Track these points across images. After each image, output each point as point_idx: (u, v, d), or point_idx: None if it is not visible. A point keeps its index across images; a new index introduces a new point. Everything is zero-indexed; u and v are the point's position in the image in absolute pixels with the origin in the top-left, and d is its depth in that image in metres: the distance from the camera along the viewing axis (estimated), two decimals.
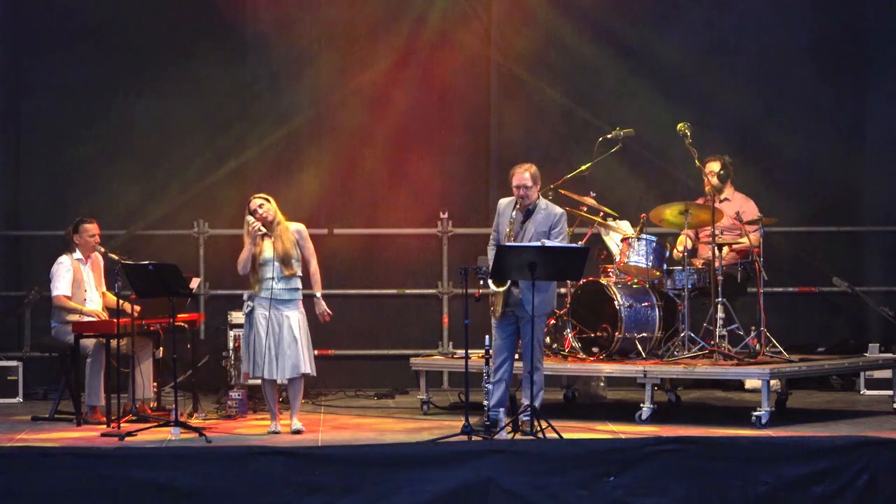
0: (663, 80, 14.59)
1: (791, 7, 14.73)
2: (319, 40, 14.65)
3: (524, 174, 10.99)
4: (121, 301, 11.37)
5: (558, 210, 11.11)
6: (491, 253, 11.01)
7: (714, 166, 12.57)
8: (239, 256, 11.13)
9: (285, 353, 10.95)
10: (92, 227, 12.27)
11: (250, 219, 11.09)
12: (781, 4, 14.72)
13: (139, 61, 14.50)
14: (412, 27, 14.65)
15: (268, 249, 11.03)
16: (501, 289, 10.79)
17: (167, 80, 14.52)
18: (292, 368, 10.97)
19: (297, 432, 10.99)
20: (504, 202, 11.17)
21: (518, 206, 10.99)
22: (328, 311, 11.21)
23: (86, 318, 12.02)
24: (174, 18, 14.49)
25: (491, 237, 11.24)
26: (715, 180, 12.53)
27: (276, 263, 11.00)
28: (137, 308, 11.71)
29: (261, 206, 11.10)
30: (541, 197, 11.13)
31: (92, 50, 14.48)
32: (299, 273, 11.11)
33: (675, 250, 12.38)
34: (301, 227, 11.20)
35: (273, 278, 10.99)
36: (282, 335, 10.95)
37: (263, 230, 11.03)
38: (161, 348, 12.30)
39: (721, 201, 12.51)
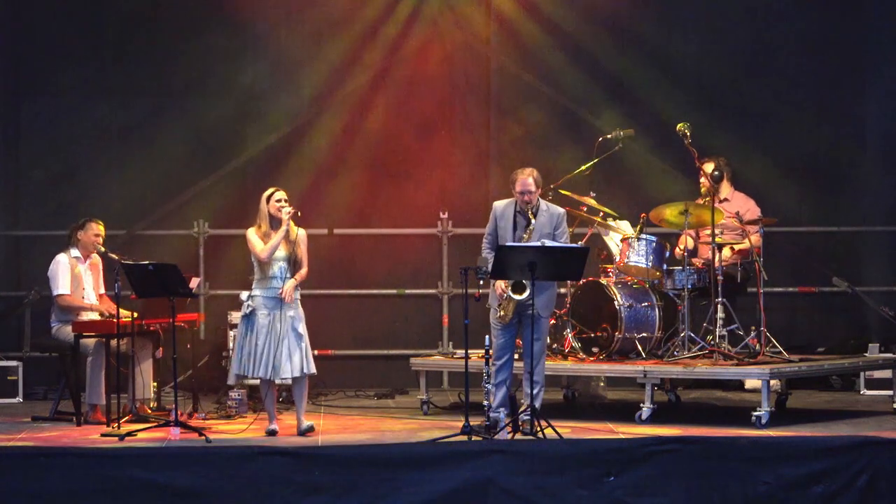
0: (663, 79, 14.59)
1: (791, 6, 14.73)
2: (319, 40, 14.65)
3: (528, 179, 10.92)
4: (119, 307, 11.36)
5: (560, 210, 11.11)
6: (489, 256, 11.00)
7: (707, 167, 12.56)
8: (255, 246, 10.91)
9: (290, 353, 10.89)
10: (97, 227, 12.27)
11: (280, 203, 10.89)
12: (782, 3, 14.72)
13: (139, 61, 14.51)
14: (412, 27, 14.65)
15: (279, 248, 10.99)
16: (520, 297, 10.70)
17: (167, 80, 14.54)
18: (298, 368, 10.92)
19: (310, 429, 10.88)
20: (501, 205, 11.11)
21: (519, 209, 10.97)
22: (292, 293, 10.99)
23: (89, 316, 12.03)
24: (174, 19, 14.50)
25: (485, 240, 11.16)
26: (707, 183, 12.53)
27: (283, 264, 10.96)
28: (135, 313, 11.69)
29: (286, 201, 11.01)
30: (540, 199, 11.12)
31: (91, 50, 14.49)
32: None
33: (676, 248, 12.38)
34: (303, 233, 11.15)
35: (277, 277, 10.95)
36: (286, 335, 10.90)
37: (295, 212, 10.92)
38: (161, 348, 12.29)
39: (721, 201, 12.51)
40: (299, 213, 10.97)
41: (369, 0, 14.63)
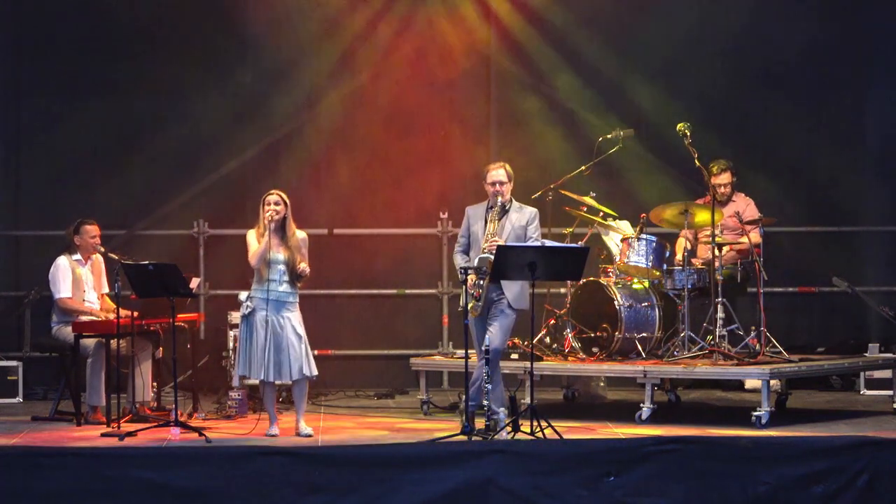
0: (663, 80, 14.59)
1: (791, 7, 14.73)
2: (319, 40, 14.66)
3: (499, 171, 10.97)
4: (119, 307, 11.36)
5: (533, 209, 11.10)
6: (459, 259, 11.03)
7: (726, 178, 12.55)
8: (250, 248, 10.92)
9: (289, 355, 10.86)
10: (92, 229, 12.26)
11: (269, 207, 10.90)
12: (782, 4, 14.72)
13: (138, 62, 14.50)
14: (412, 27, 14.65)
15: (276, 250, 10.97)
16: (483, 282, 10.74)
17: (167, 80, 14.53)
18: (298, 370, 10.91)
19: (308, 436, 10.84)
20: (473, 207, 11.13)
21: (491, 204, 10.95)
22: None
23: (90, 319, 12.02)
24: (173, 19, 14.50)
25: (458, 243, 11.17)
26: (728, 189, 12.55)
27: (282, 267, 10.92)
28: (135, 313, 11.68)
29: (276, 202, 10.99)
30: (513, 199, 11.09)
31: (91, 50, 14.48)
32: (300, 283, 11.05)
33: (675, 257, 12.35)
34: (304, 235, 11.12)
35: (276, 280, 10.93)
36: (284, 336, 10.88)
37: (276, 217, 10.91)
38: (161, 348, 12.29)
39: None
40: (274, 217, 10.89)
41: (369, 1, 14.62)
